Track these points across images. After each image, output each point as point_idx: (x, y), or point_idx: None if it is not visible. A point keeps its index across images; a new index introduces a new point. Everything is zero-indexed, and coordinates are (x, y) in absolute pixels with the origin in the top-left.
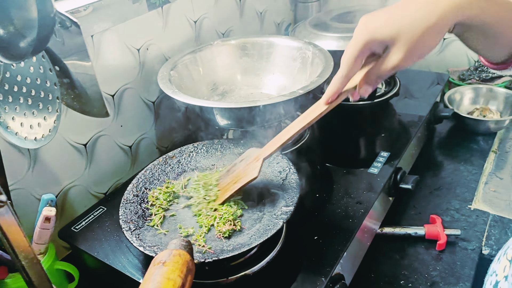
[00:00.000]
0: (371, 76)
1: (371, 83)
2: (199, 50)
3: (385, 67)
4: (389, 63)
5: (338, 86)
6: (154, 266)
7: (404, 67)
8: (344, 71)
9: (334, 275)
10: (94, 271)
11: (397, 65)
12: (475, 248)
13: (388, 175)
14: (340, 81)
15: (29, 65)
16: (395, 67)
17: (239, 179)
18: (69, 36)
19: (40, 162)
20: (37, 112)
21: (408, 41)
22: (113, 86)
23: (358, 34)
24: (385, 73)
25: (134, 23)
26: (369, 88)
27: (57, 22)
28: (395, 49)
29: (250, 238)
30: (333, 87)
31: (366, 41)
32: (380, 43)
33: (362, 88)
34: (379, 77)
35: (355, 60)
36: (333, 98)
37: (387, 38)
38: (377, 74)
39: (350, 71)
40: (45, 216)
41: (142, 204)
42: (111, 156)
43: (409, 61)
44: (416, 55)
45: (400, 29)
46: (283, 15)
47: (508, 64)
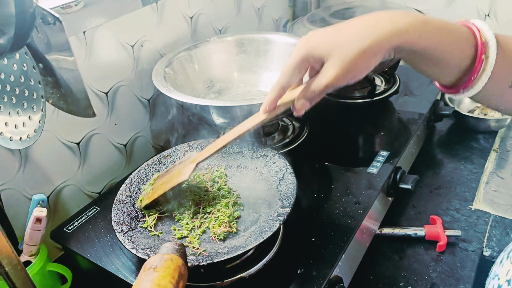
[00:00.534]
0: (307, 91)
1: (307, 97)
2: (195, 47)
3: (320, 83)
4: (323, 79)
5: (275, 95)
6: (145, 271)
7: (337, 86)
8: (281, 80)
9: (332, 278)
10: (87, 273)
11: (330, 82)
12: (476, 249)
13: (388, 174)
14: (277, 90)
15: (13, 62)
16: (328, 84)
17: (172, 179)
18: (51, 33)
19: (31, 161)
20: (22, 111)
21: (341, 59)
22: (107, 84)
23: (299, 46)
24: (318, 88)
25: (128, 19)
26: (306, 102)
27: (39, 17)
28: (329, 66)
29: (245, 240)
30: (270, 96)
31: (304, 54)
32: (317, 58)
33: (298, 102)
34: (315, 92)
35: (293, 71)
36: (271, 108)
37: (323, 53)
38: (312, 89)
39: (287, 81)
40: (36, 217)
41: (136, 205)
42: (105, 155)
43: (342, 80)
44: (348, 75)
45: (336, 47)
46: (281, 11)
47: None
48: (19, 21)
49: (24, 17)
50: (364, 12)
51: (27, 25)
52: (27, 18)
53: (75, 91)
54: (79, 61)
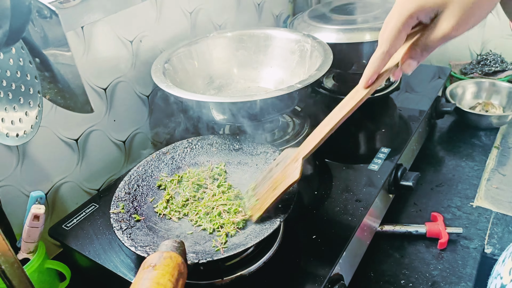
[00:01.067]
0: (417, 49)
1: (416, 56)
2: (194, 42)
3: (434, 37)
4: (439, 32)
5: (378, 64)
6: (144, 269)
7: (454, 36)
8: (385, 47)
9: (333, 276)
10: (85, 270)
11: (448, 33)
12: (477, 246)
13: (389, 171)
14: (381, 59)
15: (9, 57)
16: (445, 36)
17: (278, 184)
18: (48, 27)
19: (29, 158)
20: (18, 107)
21: (461, 4)
22: (105, 80)
23: (405, 2)
24: (433, 43)
25: (127, 14)
26: (414, 62)
27: (35, 11)
28: (447, 15)
29: (246, 238)
30: (372, 67)
31: (414, 10)
32: (430, 11)
33: (405, 63)
34: (426, 49)
35: (399, 34)
36: (373, 80)
37: (439, 2)
38: (423, 46)
39: (392, 46)
40: (34, 214)
41: (134, 202)
42: (104, 151)
43: (462, 28)
44: (470, 21)
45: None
46: (281, 6)
47: None
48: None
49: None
50: (365, 8)
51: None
52: (22, 11)
53: (73, 86)
54: (77, 56)
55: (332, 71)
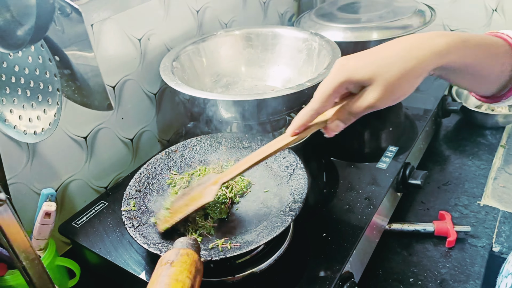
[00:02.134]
0: (344, 112)
1: (343, 119)
2: (202, 40)
3: (360, 105)
4: (364, 102)
5: (307, 119)
6: (162, 266)
7: (379, 108)
8: (315, 105)
9: (343, 274)
10: (95, 267)
11: (372, 104)
12: (485, 245)
13: (397, 170)
14: (309, 115)
15: (27, 55)
16: (369, 106)
17: (193, 201)
18: (69, 24)
19: (39, 155)
20: (36, 104)
21: (385, 82)
22: (114, 78)
23: (336, 72)
24: (358, 111)
25: (135, 12)
26: (341, 124)
27: (57, 8)
28: (371, 89)
29: (258, 236)
30: (300, 120)
31: (343, 80)
32: (357, 83)
33: (333, 123)
34: (352, 114)
35: (329, 97)
36: (300, 130)
37: (365, 78)
38: (350, 111)
39: (322, 107)
40: (45, 212)
41: (145, 199)
42: (112, 149)
43: (384, 102)
44: (392, 97)
45: (378, 70)
46: (287, 5)
47: (500, 97)
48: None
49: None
50: (371, 7)
51: (47, 16)
52: (47, 9)
53: (92, 84)
54: None
55: None
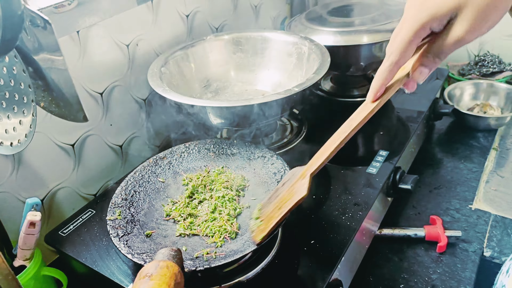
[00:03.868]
0: (429, 56)
1: (429, 64)
2: (191, 45)
3: (448, 42)
4: (453, 37)
5: (386, 76)
6: (140, 279)
7: (469, 41)
8: (394, 57)
9: (331, 281)
10: (82, 277)
11: (462, 38)
12: (476, 249)
13: (387, 174)
14: (389, 70)
15: (2, 66)
16: (459, 40)
17: (284, 202)
18: (41, 35)
19: (24, 163)
20: (12, 115)
21: (475, 8)
22: (102, 84)
23: (415, 12)
24: (447, 49)
25: (123, 17)
26: (426, 70)
27: (27, 20)
28: (461, 19)
29: (243, 244)
30: (379, 79)
31: (426, 20)
32: (444, 18)
33: (417, 71)
34: (439, 55)
35: (409, 45)
36: (381, 92)
37: (452, 7)
38: (436, 52)
39: (402, 57)
40: (30, 221)
41: (131, 208)
42: (101, 156)
43: (476, 32)
44: (485, 25)
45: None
46: (278, 8)
47: None
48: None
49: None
50: (362, 10)
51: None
52: (14, 21)
53: (67, 95)
54: (72, 61)
55: (330, 73)
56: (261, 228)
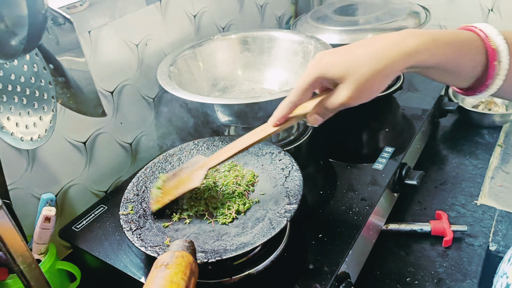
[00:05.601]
0: (321, 107)
1: (321, 114)
2: (198, 45)
3: (333, 102)
4: (337, 99)
5: (286, 111)
6: (157, 268)
7: (351, 105)
8: (293, 98)
9: (339, 274)
10: (95, 271)
11: (344, 102)
12: (482, 244)
13: (393, 170)
14: (288, 107)
15: (23, 64)
16: (342, 103)
17: (182, 184)
18: (62, 33)
19: (38, 161)
20: (33, 111)
21: (355, 81)
22: (112, 83)
23: (311, 67)
24: (333, 107)
25: (132, 18)
26: (319, 118)
27: (49, 18)
28: (343, 87)
29: (253, 237)
30: (280, 111)
31: (317, 76)
32: (330, 80)
33: (312, 117)
34: (328, 110)
35: (305, 91)
36: (281, 122)
37: (336, 76)
38: (325, 107)
39: (298, 99)
40: (45, 216)
41: (143, 203)
42: (111, 153)
43: (356, 100)
44: (363, 96)
45: (350, 69)
46: (284, 8)
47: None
48: (32, 23)
49: (36, 18)
50: (367, 9)
51: (39, 26)
52: (39, 19)
53: (86, 91)
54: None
55: None
56: (159, 199)
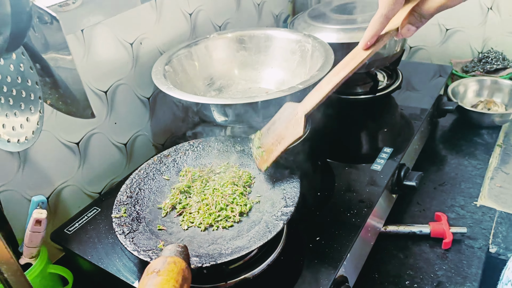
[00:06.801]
0: (415, 15)
1: (415, 22)
2: (194, 44)
3: (430, 6)
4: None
5: (378, 27)
6: (148, 275)
7: (450, 6)
8: (384, 10)
9: (337, 278)
10: (88, 275)
11: (443, 3)
12: (482, 246)
13: (392, 171)
14: (380, 22)
15: (9, 63)
16: (441, 5)
17: (282, 139)
18: (49, 32)
19: (30, 162)
20: (19, 112)
21: None
22: (106, 82)
23: None
24: (429, 11)
25: (127, 16)
26: (413, 28)
27: (35, 16)
28: None
29: (249, 241)
30: (371, 29)
31: None
32: None
33: (404, 28)
34: (423, 16)
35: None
36: (372, 42)
37: None
38: (421, 13)
39: (391, 10)
40: (36, 219)
41: (136, 205)
42: (105, 154)
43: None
44: None
45: None
46: (281, 6)
47: None
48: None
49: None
50: (365, 7)
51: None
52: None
53: (74, 91)
54: (77, 59)
55: None
56: (264, 158)
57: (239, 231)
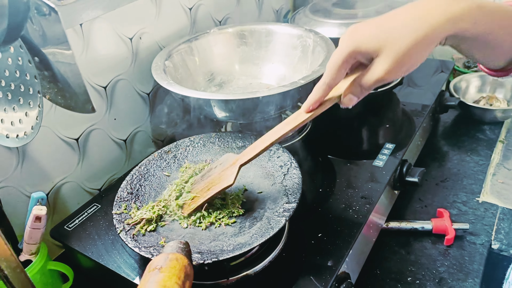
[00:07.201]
0: (355, 86)
1: (356, 93)
2: (194, 39)
3: (369, 78)
4: (373, 75)
5: (320, 94)
6: (149, 272)
7: (389, 80)
8: (327, 79)
9: (340, 274)
10: (88, 271)
11: (382, 77)
12: (484, 242)
13: (394, 168)
14: (322, 89)
15: (7, 57)
16: (379, 79)
17: (214, 185)
18: (47, 24)
19: (29, 158)
20: (18, 107)
21: (394, 53)
22: (105, 78)
23: (344, 43)
24: (368, 84)
25: (126, 10)
26: (354, 98)
27: (33, 8)
28: (380, 61)
29: (251, 237)
30: (314, 95)
31: (351, 51)
32: (365, 54)
33: (346, 97)
34: (364, 88)
35: (338, 69)
36: (314, 107)
37: (372, 49)
38: (361, 85)
39: (333, 79)
40: (35, 216)
41: (137, 202)
42: (105, 150)
43: (395, 74)
44: (402, 68)
45: (386, 40)
46: (282, 1)
47: (508, 71)
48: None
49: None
50: (367, 2)
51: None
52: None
53: (73, 85)
54: (76, 54)
55: None
56: (190, 203)
57: (241, 228)
